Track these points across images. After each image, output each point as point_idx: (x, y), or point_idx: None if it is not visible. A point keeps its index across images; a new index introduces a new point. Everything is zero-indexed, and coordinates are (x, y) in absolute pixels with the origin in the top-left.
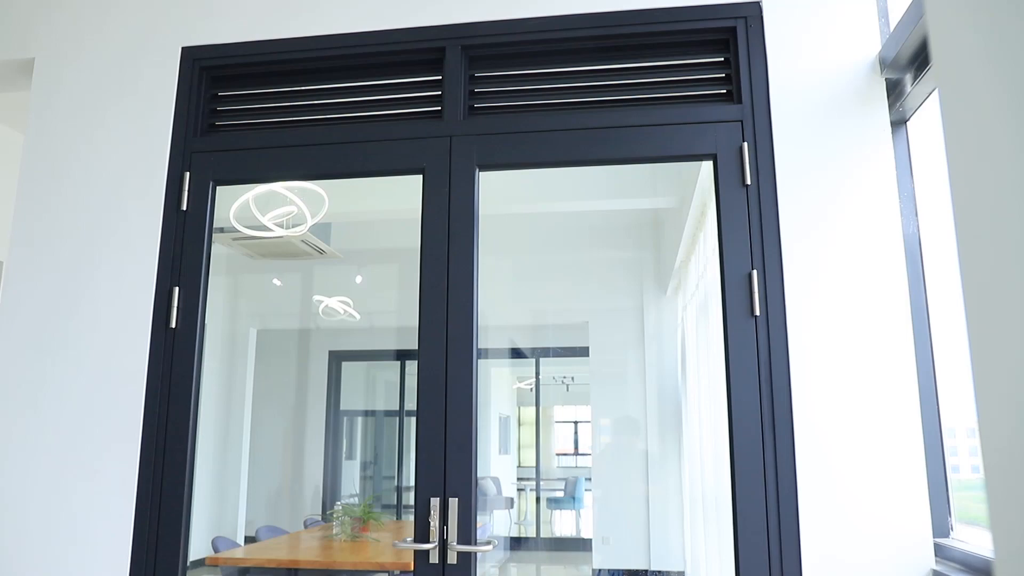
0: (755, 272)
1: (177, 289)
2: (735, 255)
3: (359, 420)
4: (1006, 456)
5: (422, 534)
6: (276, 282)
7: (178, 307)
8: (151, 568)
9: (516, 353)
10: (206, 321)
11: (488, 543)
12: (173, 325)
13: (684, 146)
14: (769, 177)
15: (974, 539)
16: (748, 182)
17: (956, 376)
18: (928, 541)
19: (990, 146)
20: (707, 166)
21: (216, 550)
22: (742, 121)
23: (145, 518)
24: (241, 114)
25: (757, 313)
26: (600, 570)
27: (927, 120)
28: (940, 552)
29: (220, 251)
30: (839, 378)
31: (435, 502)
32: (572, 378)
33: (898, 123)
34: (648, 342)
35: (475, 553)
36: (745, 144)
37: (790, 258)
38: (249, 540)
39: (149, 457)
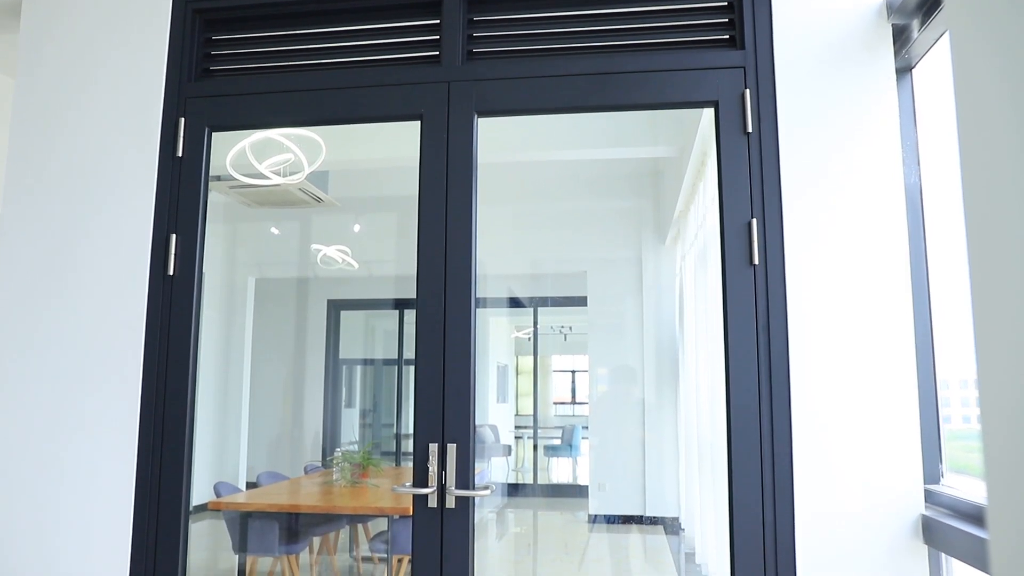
0: (755, 221)
1: (174, 236)
2: (735, 204)
3: (358, 369)
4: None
5: (421, 479)
6: (274, 231)
7: (175, 254)
8: (154, 513)
9: (514, 302)
10: (204, 270)
11: (486, 488)
12: (171, 272)
13: (685, 92)
14: (771, 125)
15: (963, 486)
16: (750, 130)
17: (952, 327)
18: (919, 487)
19: (1001, 89)
20: (708, 113)
21: (218, 495)
22: (744, 67)
23: (147, 464)
24: (236, 59)
25: (756, 262)
26: (596, 516)
27: (933, 67)
28: (930, 498)
29: (217, 199)
30: (837, 327)
31: (434, 448)
32: (570, 328)
33: (903, 70)
34: (646, 292)
35: (473, 498)
36: (747, 91)
37: (790, 207)
38: (251, 486)
39: (150, 403)
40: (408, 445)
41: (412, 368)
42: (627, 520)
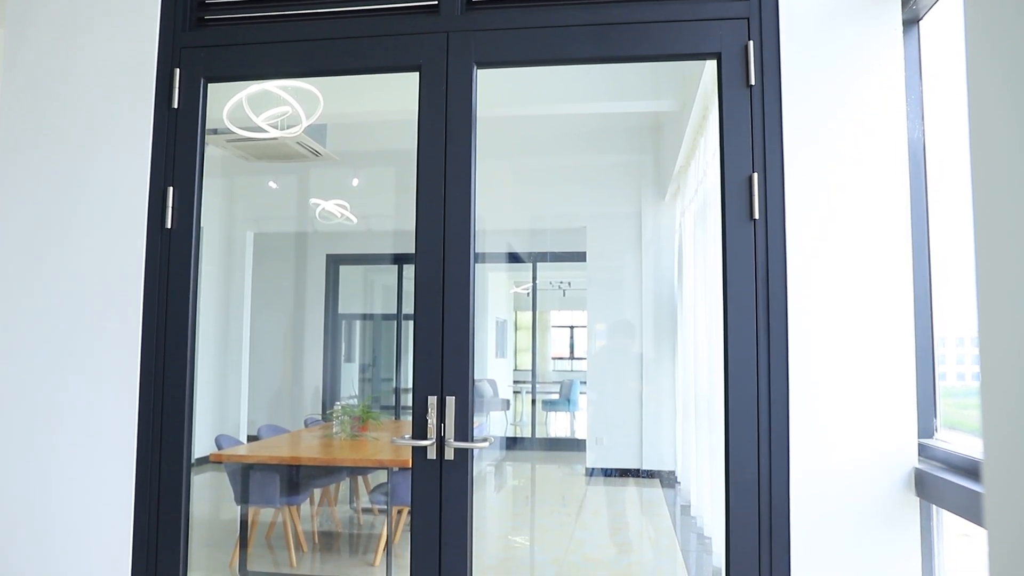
0: (756, 175)
1: (171, 189)
2: (736, 158)
3: (357, 323)
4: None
5: (420, 431)
6: (272, 185)
7: (173, 207)
8: (156, 465)
9: (513, 258)
10: (202, 224)
11: (484, 440)
12: (169, 225)
13: (688, 44)
14: (774, 78)
15: (957, 441)
16: (752, 82)
17: (951, 284)
18: (913, 440)
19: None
20: (711, 66)
21: (219, 448)
22: (748, 18)
23: (148, 416)
24: (231, 8)
25: (756, 217)
26: (593, 469)
27: (941, 18)
28: (923, 452)
29: (214, 153)
30: (836, 283)
31: (432, 400)
32: (569, 283)
33: (910, 21)
34: (646, 247)
35: (471, 450)
36: (751, 43)
37: (792, 161)
38: (252, 439)
39: (150, 356)
40: (407, 399)
41: (411, 323)
42: (624, 473)
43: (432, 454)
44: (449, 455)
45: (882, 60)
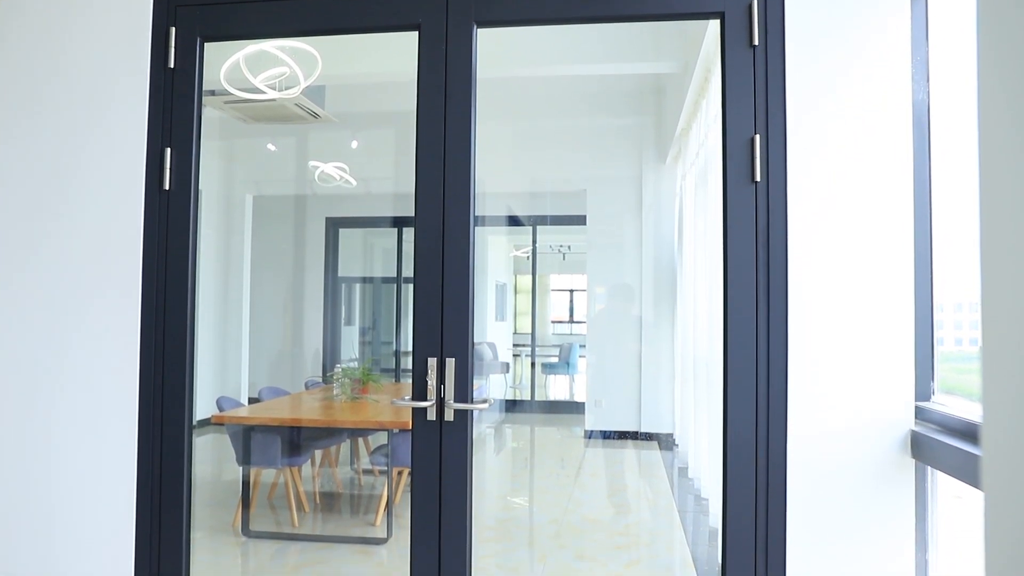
0: (758, 137)
1: (169, 150)
2: (738, 119)
3: (357, 287)
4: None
5: (420, 393)
6: (270, 147)
7: (171, 168)
8: (159, 427)
9: (513, 221)
10: (201, 186)
11: (484, 401)
12: (167, 187)
13: (691, 3)
14: (778, 38)
15: (953, 404)
16: (756, 43)
17: (950, 250)
18: (910, 403)
19: None
20: (714, 26)
21: (221, 409)
22: None
23: (150, 378)
24: None
25: (758, 179)
26: (592, 431)
27: None
28: (920, 414)
29: (212, 115)
30: (837, 247)
31: (432, 362)
32: (569, 247)
33: None
34: (646, 211)
35: (471, 411)
36: (755, 2)
37: (795, 123)
38: (252, 401)
39: (150, 318)
40: (407, 362)
41: (411, 286)
42: (622, 436)
43: (432, 415)
44: (449, 416)
45: (888, 21)
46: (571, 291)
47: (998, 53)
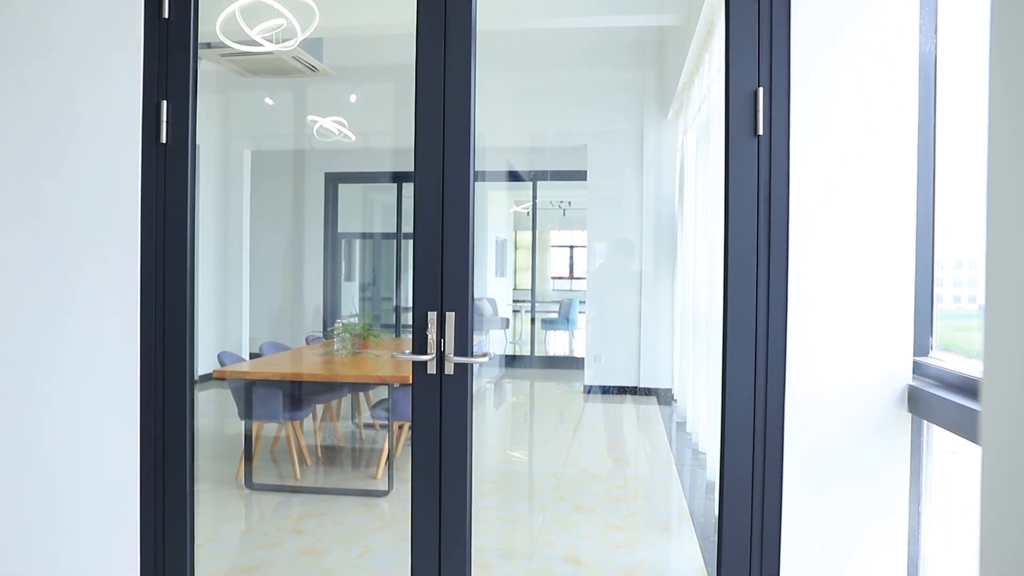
0: (761, 90)
1: (165, 103)
2: (742, 71)
3: (356, 242)
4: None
5: (420, 346)
6: (268, 101)
7: (167, 121)
8: (160, 382)
9: (513, 176)
10: (199, 141)
11: (484, 355)
12: (164, 140)
13: None
14: None
15: (950, 360)
16: None
17: (951, 207)
18: (908, 358)
19: None
20: None
21: (222, 364)
22: None
23: (151, 333)
24: None
25: (760, 133)
26: (591, 386)
27: None
28: (918, 369)
29: (208, 68)
30: (839, 202)
31: (432, 316)
32: (569, 203)
33: None
34: (647, 166)
35: (471, 365)
36: None
37: (799, 76)
38: (254, 356)
39: (150, 271)
40: (407, 318)
41: (411, 242)
42: (621, 391)
43: (432, 369)
44: (449, 370)
45: None
46: (571, 247)
47: (1011, 4)
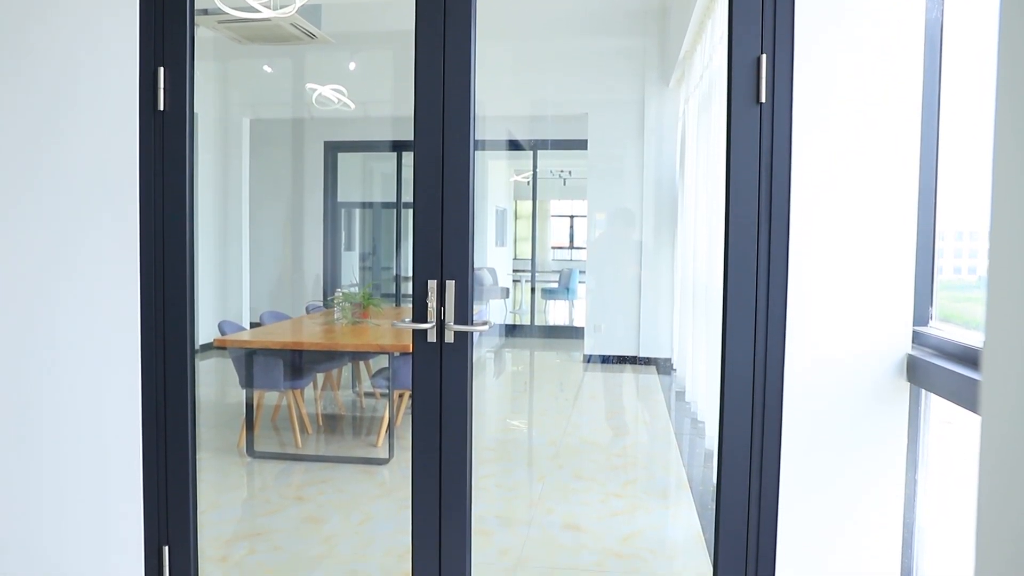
0: (764, 56)
1: (162, 69)
2: (745, 37)
3: (356, 212)
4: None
5: (420, 315)
6: (267, 69)
7: (165, 88)
8: (161, 351)
9: (514, 145)
10: (197, 109)
11: (484, 324)
12: (161, 107)
13: None
14: None
15: (950, 330)
16: None
17: (953, 178)
18: (907, 327)
19: None
20: None
21: (223, 334)
22: None
23: (151, 304)
24: None
25: (763, 100)
26: (591, 356)
27: None
28: (917, 339)
29: (206, 35)
30: (842, 171)
31: (432, 284)
32: (569, 172)
33: None
34: (648, 135)
35: (471, 333)
36: None
37: (802, 42)
38: (254, 326)
39: (149, 241)
40: (407, 287)
41: (411, 212)
42: (621, 360)
43: (432, 337)
44: (449, 338)
45: None
46: (571, 217)
47: None
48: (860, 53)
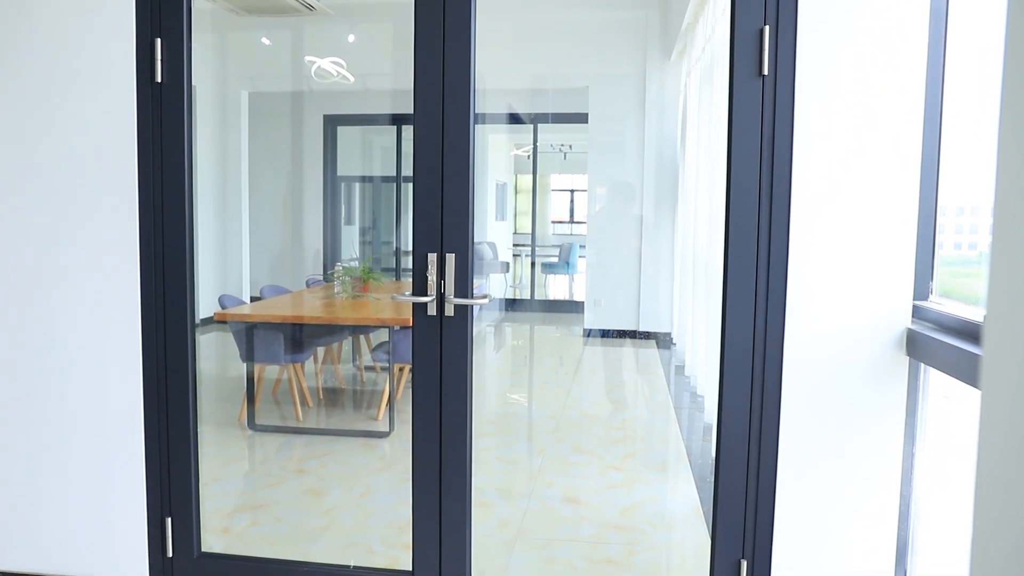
0: (767, 28)
1: (159, 41)
2: (747, 9)
3: (356, 186)
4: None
5: (420, 288)
6: (265, 41)
7: (162, 60)
8: (162, 325)
9: (514, 119)
10: (195, 82)
11: (484, 297)
12: (159, 79)
13: None
14: None
15: (949, 305)
16: None
17: (956, 154)
18: (907, 302)
19: None
20: None
21: (223, 307)
22: None
23: (151, 278)
24: None
25: (766, 72)
26: (591, 330)
27: None
28: (917, 313)
29: (203, 6)
30: (844, 144)
31: (432, 257)
32: (570, 146)
33: None
34: (649, 108)
35: (471, 306)
36: None
37: (806, 13)
38: (254, 299)
39: (148, 217)
40: (407, 262)
41: (411, 185)
42: (621, 335)
43: (432, 310)
44: (449, 311)
45: None
46: (572, 191)
47: None
48: (865, 24)
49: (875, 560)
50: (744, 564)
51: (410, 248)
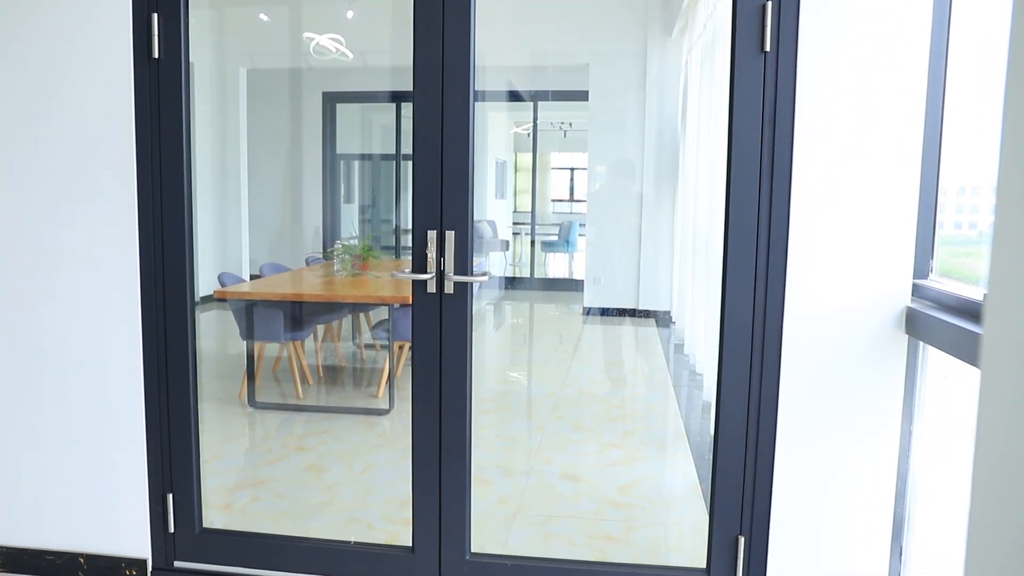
0: (769, 4)
1: (156, 15)
2: None
3: (356, 164)
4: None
5: (420, 265)
6: (263, 17)
7: (159, 35)
8: (161, 303)
9: (514, 96)
10: (193, 58)
11: (484, 274)
12: (156, 55)
13: None
14: None
15: (949, 284)
16: None
17: (956, 133)
18: (907, 280)
19: None
20: None
21: (223, 285)
22: None
23: (150, 256)
24: None
25: (767, 49)
26: (590, 308)
27: None
28: (916, 291)
29: None
30: (845, 121)
31: (432, 235)
32: (570, 124)
33: None
34: (650, 86)
35: (471, 284)
36: None
37: None
38: (254, 278)
39: (147, 195)
40: (407, 240)
41: (410, 163)
42: (620, 313)
43: (432, 288)
44: (449, 289)
45: None
46: (572, 169)
47: None
48: (866, 1)
49: (872, 537)
50: (742, 540)
51: (410, 226)
